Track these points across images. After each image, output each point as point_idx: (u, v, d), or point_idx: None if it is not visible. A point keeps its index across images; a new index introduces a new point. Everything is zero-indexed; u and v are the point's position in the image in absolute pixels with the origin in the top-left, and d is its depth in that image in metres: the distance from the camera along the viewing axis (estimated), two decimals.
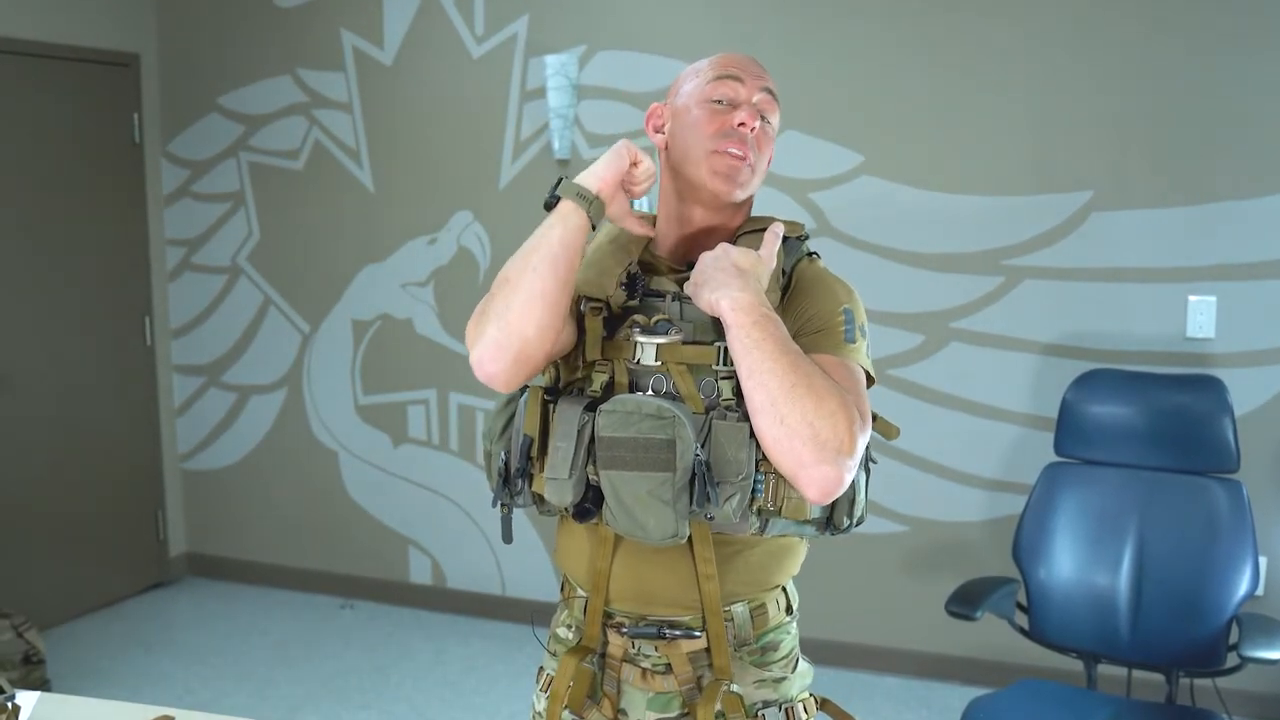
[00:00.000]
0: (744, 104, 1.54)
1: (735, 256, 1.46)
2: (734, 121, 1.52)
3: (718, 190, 1.53)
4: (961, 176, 3.69)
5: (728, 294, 1.42)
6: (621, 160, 1.52)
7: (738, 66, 1.56)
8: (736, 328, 1.40)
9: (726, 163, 1.52)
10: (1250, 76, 3.38)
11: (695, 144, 1.54)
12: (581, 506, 1.50)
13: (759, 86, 1.55)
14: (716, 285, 1.43)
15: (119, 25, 4.58)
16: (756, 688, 1.58)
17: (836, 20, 3.77)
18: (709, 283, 1.44)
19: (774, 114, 1.58)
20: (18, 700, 1.81)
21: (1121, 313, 3.57)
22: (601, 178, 1.51)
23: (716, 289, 1.43)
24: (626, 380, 1.51)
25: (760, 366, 1.38)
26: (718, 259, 1.46)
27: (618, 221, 1.56)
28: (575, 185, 1.51)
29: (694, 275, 1.47)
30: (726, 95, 1.54)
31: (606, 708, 1.59)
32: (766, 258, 1.49)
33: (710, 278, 1.45)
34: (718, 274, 1.44)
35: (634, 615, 1.57)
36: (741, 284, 1.43)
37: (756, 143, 1.53)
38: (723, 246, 1.48)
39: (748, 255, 1.47)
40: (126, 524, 4.71)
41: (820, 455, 1.35)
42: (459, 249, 4.35)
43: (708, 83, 1.56)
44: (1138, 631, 2.79)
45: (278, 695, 3.83)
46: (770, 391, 1.37)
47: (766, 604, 1.59)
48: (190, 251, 4.82)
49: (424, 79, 4.34)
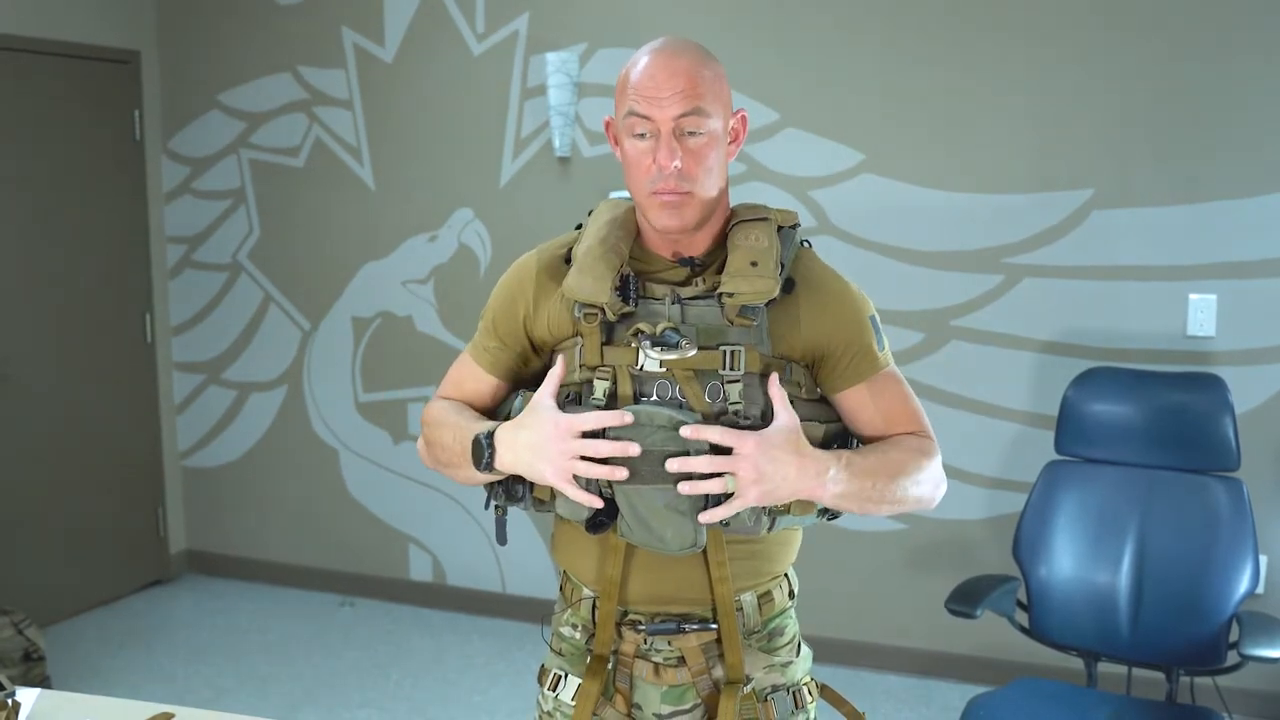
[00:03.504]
0: (662, 134, 1.45)
1: (778, 452, 1.41)
2: (654, 164, 1.46)
3: (667, 228, 1.49)
4: (962, 174, 3.69)
5: (807, 488, 1.44)
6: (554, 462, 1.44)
7: (649, 92, 1.45)
8: (839, 499, 1.48)
9: (664, 203, 1.47)
10: (1250, 76, 3.38)
11: (633, 184, 1.51)
12: (595, 520, 1.49)
13: (675, 107, 1.44)
14: (790, 487, 1.43)
15: (119, 22, 4.58)
16: (766, 673, 1.60)
17: (837, 19, 3.76)
18: (776, 490, 1.42)
19: (704, 118, 1.46)
20: (18, 697, 1.81)
21: (1122, 311, 3.57)
22: (519, 468, 1.48)
23: (793, 493, 1.44)
24: (630, 389, 1.48)
25: (877, 500, 1.51)
26: (767, 463, 1.41)
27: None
28: (500, 461, 1.50)
29: (747, 482, 1.40)
30: (644, 129, 1.46)
31: (620, 703, 1.60)
32: (790, 418, 1.45)
33: (777, 484, 1.41)
34: (781, 476, 1.41)
35: (648, 614, 1.57)
36: (809, 470, 1.43)
37: (688, 170, 1.45)
38: (755, 454, 1.41)
39: (787, 437, 1.43)
40: (127, 521, 4.71)
41: (936, 495, 1.60)
42: (460, 246, 4.35)
43: (625, 115, 1.48)
44: (1138, 630, 2.79)
45: (277, 692, 3.83)
46: (894, 504, 1.53)
47: (772, 591, 1.61)
48: (191, 249, 4.82)
49: (425, 76, 4.34)
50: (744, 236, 1.50)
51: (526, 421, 1.47)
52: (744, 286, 1.45)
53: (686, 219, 1.48)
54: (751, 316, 1.46)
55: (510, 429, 1.49)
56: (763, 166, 3.85)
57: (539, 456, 1.44)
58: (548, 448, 1.43)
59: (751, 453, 1.39)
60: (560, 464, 1.43)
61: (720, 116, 1.49)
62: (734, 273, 1.46)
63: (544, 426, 1.44)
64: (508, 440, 1.48)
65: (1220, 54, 3.40)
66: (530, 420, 1.47)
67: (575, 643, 1.64)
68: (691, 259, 1.53)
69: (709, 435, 1.40)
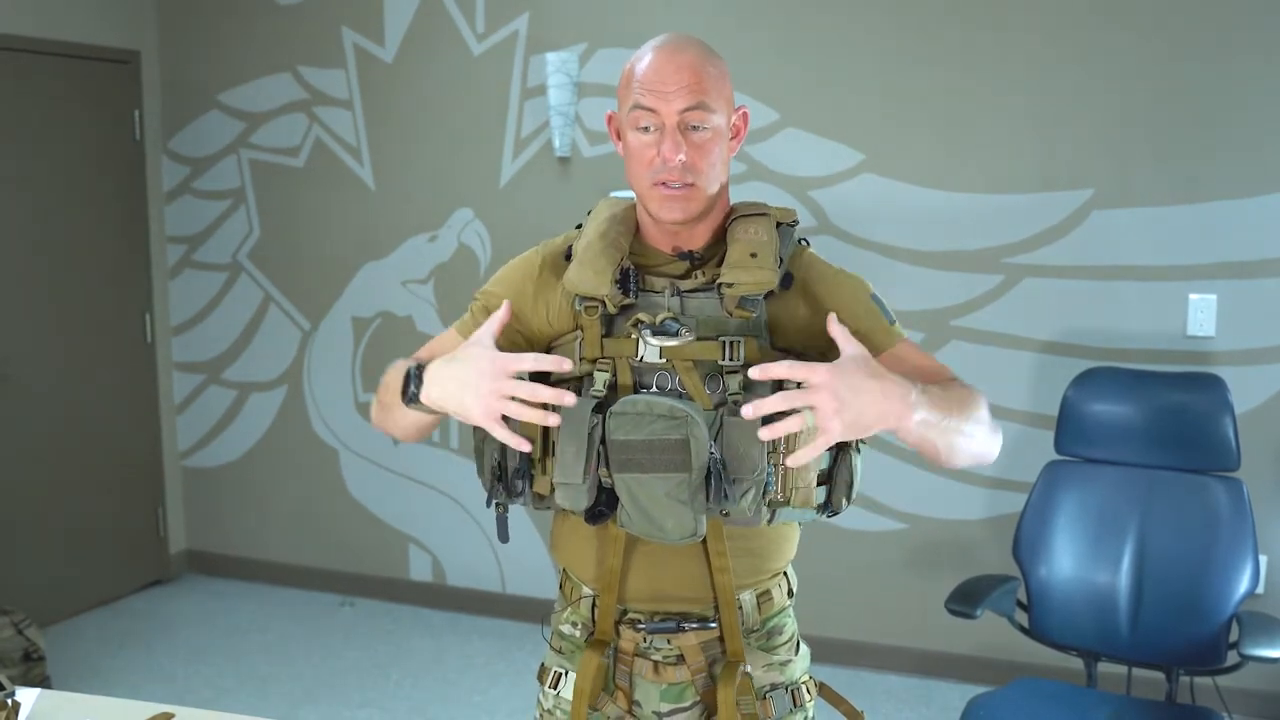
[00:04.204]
0: (667, 127, 1.46)
1: (855, 378, 1.33)
2: (659, 156, 1.46)
3: (670, 220, 1.50)
4: (962, 174, 3.69)
5: (894, 412, 1.35)
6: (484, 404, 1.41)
7: (654, 86, 1.46)
8: (923, 427, 1.39)
9: (666, 196, 1.48)
10: (1250, 76, 3.38)
11: (635, 177, 1.51)
12: (595, 510, 1.49)
13: (681, 101, 1.45)
14: (875, 412, 1.33)
15: (119, 22, 4.58)
16: (765, 671, 1.61)
17: (837, 18, 3.77)
18: (860, 418, 1.33)
19: (708, 114, 1.47)
20: (17, 697, 1.81)
21: (1122, 311, 3.57)
22: (446, 404, 1.45)
23: (879, 418, 1.34)
24: (630, 380, 1.49)
25: (954, 432, 1.45)
26: (846, 390, 1.32)
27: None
28: (425, 395, 1.47)
29: (828, 413, 1.32)
30: (649, 121, 1.47)
31: (620, 700, 1.60)
32: (858, 348, 1.39)
33: (860, 410, 1.32)
34: (865, 402, 1.33)
35: (647, 612, 1.57)
36: (892, 393, 1.35)
37: (692, 163, 1.46)
38: (832, 382, 1.32)
39: (859, 364, 1.35)
40: (126, 521, 4.71)
41: (995, 444, 1.55)
42: (460, 246, 4.35)
43: (630, 109, 1.49)
44: (1138, 630, 2.79)
45: (277, 692, 3.83)
46: (968, 440, 1.47)
47: (771, 589, 1.61)
48: (191, 249, 4.82)
49: (425, 76, 4.34)
50: (743, 230, 1.51)
51: (460, 355, 1.45)
52: (743, 277, 1.46)
53: (690, 210, 1.49)
54: (751, 308, 1.47)
55: (442, 363, 1.46)
56: (763, 166, 3.85)
57: (468, 391, 1.41)
58: (480, 384, 1.40)
59: (827, 381, 1.31)
60: (490, 403, 1.39)
61: (723, 112, 1.50)
62: (733, 264, 1.47)
63: (478, 362, 1.41)
64: (437, 374, 1.46)
65: (1220, 54, 3.40)
66: (464, 354, 1.44)
67: (575, 641, 1.64)
68: (691, 253, 1.54)
69: (777, 370, 1.33)
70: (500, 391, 1.39)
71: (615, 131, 1.56)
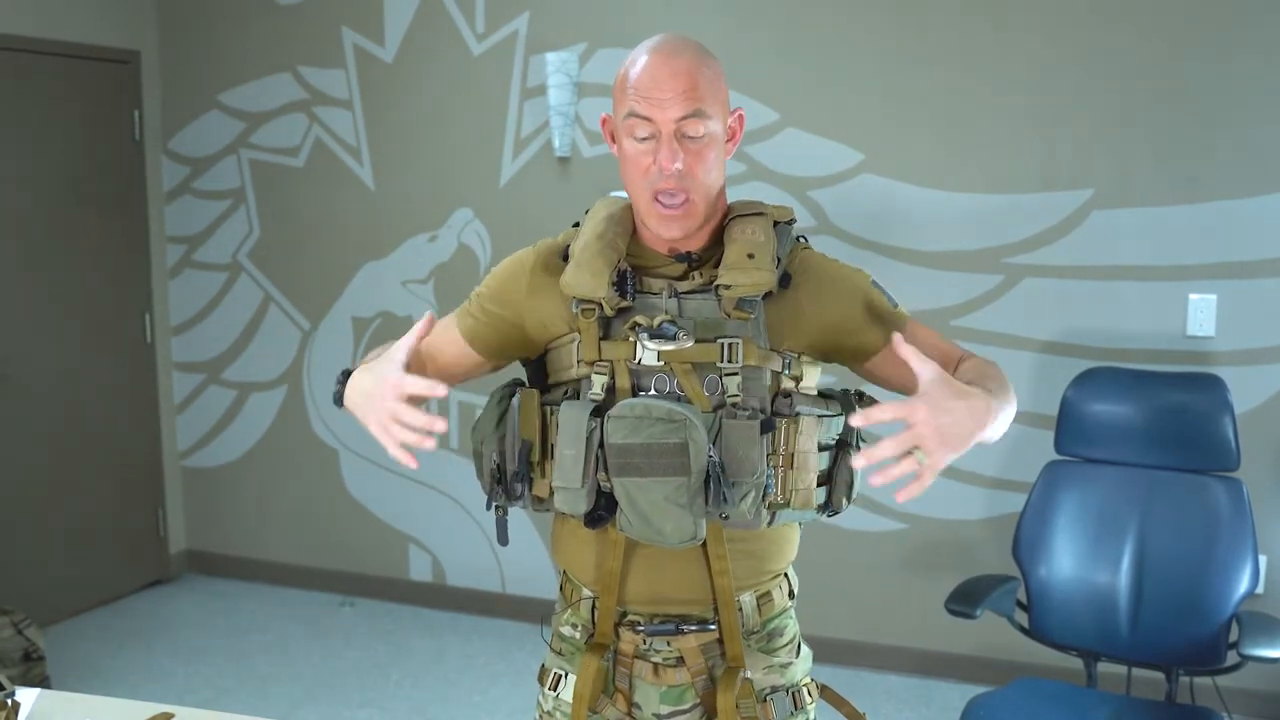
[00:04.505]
0: (663, 135, 1.45)
1: (948, 404, 1.34)
2: (655, 164, 1.45)
3: (667, 235, 1.50)
4: (962, 174, 3.69)
5: (981, 425, 1.37)
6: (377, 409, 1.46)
7: (650, 93, 1.44)
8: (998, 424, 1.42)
9: (664, 216, 1.48)
10: (1250, 76, 3.38)
11: (632, 184, 1.50)
12: (594, 514, 1.49)
13: (677, 109, 1.44)
14: (968, 431, 1.35)
15: (119, 22, 4.58)
16: (765, 674, 1.60)
17: (837, 18, 3.76)
18: (961, 443, 1.35)
19: (705, 120, 1.46)
20: (17, 697, 1.81)
21: (1122, 311, 3.57)
22: (356, 413, 1.51)
23: (970, 436, 1.36)
24: (628, 383, 1.49)
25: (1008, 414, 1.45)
26: (945, 419, 1.34)
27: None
28: (346, 400, 1.54)
29: (934, 446, 1.34)
30: (645, 130, 1.46)
31: (620, 702, 1.60)
32: (934, 368, 1.39)
33: (959, 435, 1.34)
34: (960, 426, 1.35)
35: (646, 614, 1.57)
36: (978, 408, 1.37)
37: (689, 170, 1.46)
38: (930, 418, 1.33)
39: (944, 388, 1.36)
40: (126, 521, 4.71)
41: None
42: (460, 246, 4.35)
43: (625, 116, 1.47)
44: (1138, 630, 2.79)
45: (277, 692, 3.83)
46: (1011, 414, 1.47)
47: (771, 591, 1.61)
48: (191, 249, 4.82)
49: (425, 76, 4.34)
50: (740, 231, 1.50)
51: (374, 369, 1.49)
52: (741, 279, 1.45)
53: (688, 228, 1.49)
54: (749, 309, 1.47)
55: (361, 373, 1.52)
56: (763, 166, 3.85)
57: (369, 406, 1.46)
58: (375, 401, 1.45)
59: (927, 418, 1.32)
60: (382, 420, 1.44)
61: (719, 117, 1.49)
62: (731, 265, 1.47)
63: (378, 381, 1.46)
64: (355, 382, 1.52)
65: (1220, 54, 3.40)
66: (375, 368, 1.49)
67: (575, 643, 1.64)
68: (688, 254, 1.53)
69: (880, 416, 1.34)
70: (390, 412, 1.43)
71: (610, 134, 1.55)
